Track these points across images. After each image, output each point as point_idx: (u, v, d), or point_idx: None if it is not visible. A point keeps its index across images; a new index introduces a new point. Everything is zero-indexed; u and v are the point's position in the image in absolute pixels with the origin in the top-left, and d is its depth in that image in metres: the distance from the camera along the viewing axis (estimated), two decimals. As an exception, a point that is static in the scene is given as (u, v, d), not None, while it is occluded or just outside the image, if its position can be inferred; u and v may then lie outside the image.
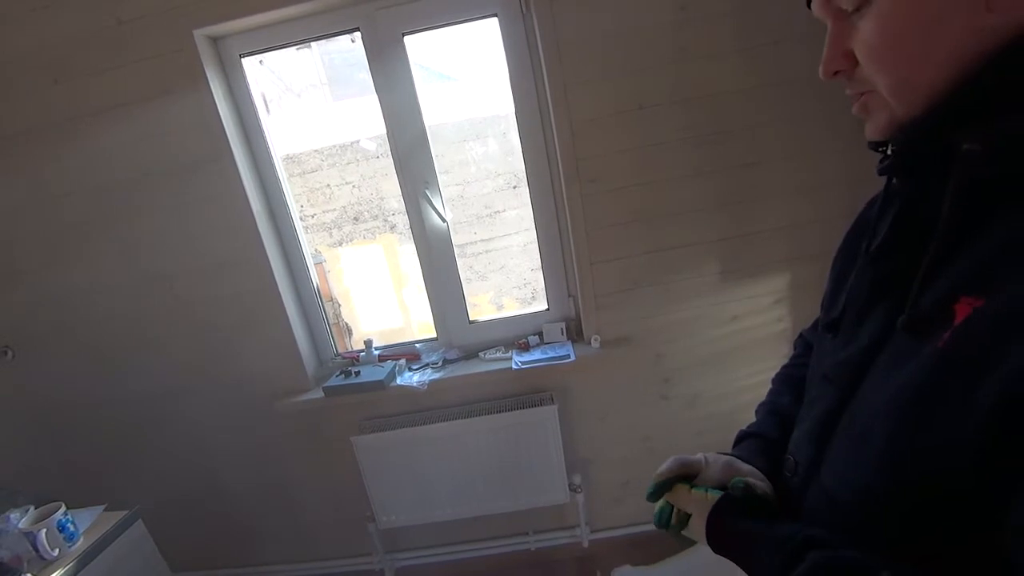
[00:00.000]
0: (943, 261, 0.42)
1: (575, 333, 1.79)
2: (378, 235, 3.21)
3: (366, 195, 3.14)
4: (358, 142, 3.04)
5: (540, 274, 1.77)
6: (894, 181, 0.51)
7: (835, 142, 1.48)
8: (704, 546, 0.58)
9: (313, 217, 3.16)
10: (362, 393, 1.67)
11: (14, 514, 1.35)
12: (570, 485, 1.78)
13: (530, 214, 1.70)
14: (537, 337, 1.77)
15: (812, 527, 0.48)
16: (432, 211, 1.70)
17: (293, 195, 1.77)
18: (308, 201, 3.13)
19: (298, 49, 2.01)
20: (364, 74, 1.61)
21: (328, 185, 3.11)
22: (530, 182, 1.66)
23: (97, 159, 1.59)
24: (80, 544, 1.36)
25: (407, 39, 1.56)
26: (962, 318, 0.38)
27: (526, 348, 1.74)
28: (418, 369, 1.75)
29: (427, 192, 1.68)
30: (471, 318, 1.83)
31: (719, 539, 0.56)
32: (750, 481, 0.57)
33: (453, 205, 2.67)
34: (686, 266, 1.61)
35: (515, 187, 3.04)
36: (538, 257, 1.74)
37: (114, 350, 1.79)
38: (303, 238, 1.79)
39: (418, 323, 3.25)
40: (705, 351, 1.71)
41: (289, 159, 3.02)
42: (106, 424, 1.88)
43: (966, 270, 0.40)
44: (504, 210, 3.09)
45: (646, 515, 1.88)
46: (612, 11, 1.40)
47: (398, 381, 1.69)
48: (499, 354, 1.74)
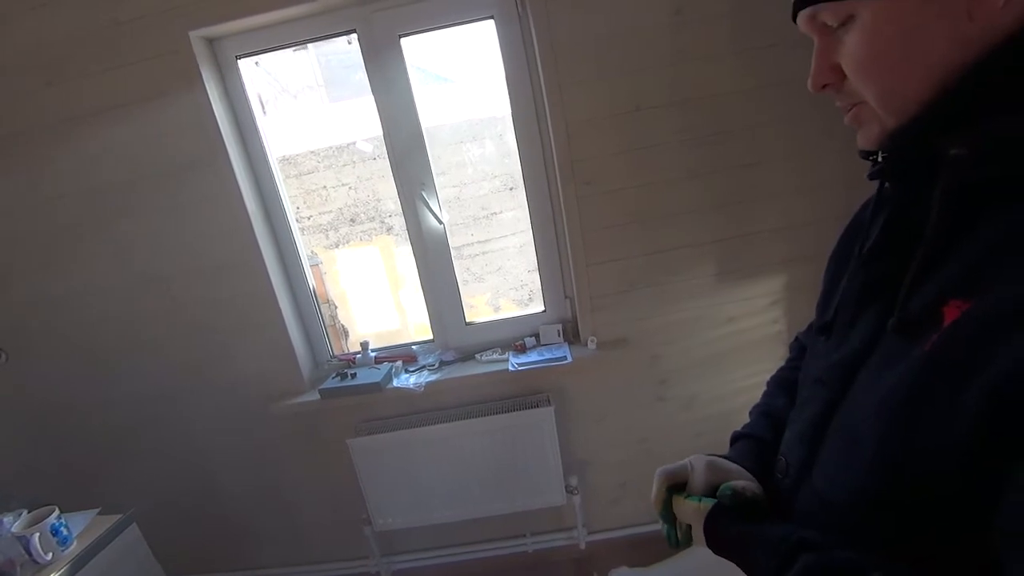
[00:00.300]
0: (932, 264, 0.42)
1: (572, 335, 1.79)
2: (374, 237, 3.20)
3: (362, 197, 3.13)
4: (354, 144, 3.03)
5: (536, 276, 1.77)
6: (886, 185, 0.52)
7: (832, 142, 1.48)
8: (701, 547, 0.60)
9: (309, 219, 3.15)
10: (358, 395, 1.67)
11: (7, 518, 1.34)
12: (567, 487, 1.78)
13: (526, 216, 1.70)
14: (534, 339, 1.77)
15: (806, 529, 0.48)
16: (428, 213, 1.70)
17: (289, 197, 1.77)
18: (304, 203, 3.12)
19: (294, 50, 2.00)
20: (360, 75, 1.61)
21: (324, 187, 3.10)
22: (526, 184, 1.66)
23: (92, 160, 1.58)
24: (74, 548, 1.35)
25: (404, 41, 1.56)
26: (950, 321, 0.38)
27: (523, 350, 1.74)
28: (415, 371, 1.75)
29: (423, 194, 1.68)
30: (468, 320, 1.83)
31: (718, 545, 0.58)
32: (737, 486, 0.57)
33: (449, 207, 2.67)
34: (682, 268, 1.61)
35: (511, 189, 3.04)
36: (534, 259, 1.74)
37: (109, 352, 1.78)
38: (299, 240, 1.79)
39: (414, 325, 3.25)
40: (702, 353, 1.71)
41: (285, 160, 3.01)
42: (101, 427, 1.87)
43: (954, 273, 0.40)
44: (500, 212, 3.10)
45: (643, 516, 1.90)
46: (608, 13, 1.41)
47: (394, 383, 1.69)
48: (496, 356, 1.74)
